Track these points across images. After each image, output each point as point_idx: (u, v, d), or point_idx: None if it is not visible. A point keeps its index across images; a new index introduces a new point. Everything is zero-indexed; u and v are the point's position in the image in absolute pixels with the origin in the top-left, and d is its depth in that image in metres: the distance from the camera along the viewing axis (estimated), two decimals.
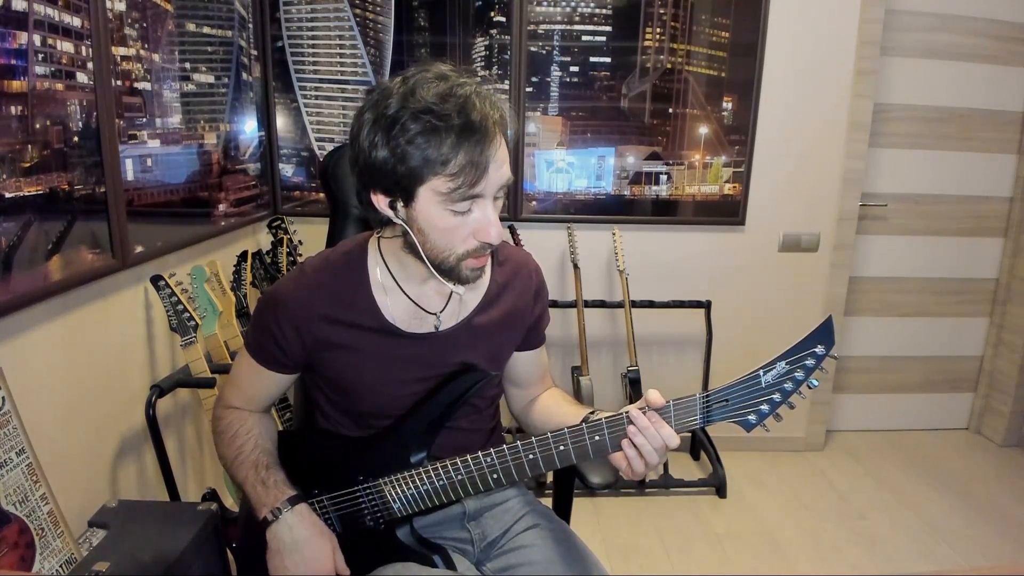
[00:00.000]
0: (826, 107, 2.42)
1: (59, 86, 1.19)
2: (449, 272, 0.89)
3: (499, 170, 0.84)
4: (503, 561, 1.02)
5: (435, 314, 0.98)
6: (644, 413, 0.84)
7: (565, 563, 0.98)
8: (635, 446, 0.84)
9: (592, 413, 0.95)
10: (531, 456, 0.89)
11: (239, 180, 2.07)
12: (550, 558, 0.99)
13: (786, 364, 0.81)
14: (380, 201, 0.87)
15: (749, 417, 0.83)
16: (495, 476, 0.91)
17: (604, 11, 2.30)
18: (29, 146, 1.12)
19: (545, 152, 2.41)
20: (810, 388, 0.82)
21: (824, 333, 0.81)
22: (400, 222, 0.88)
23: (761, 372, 0.82)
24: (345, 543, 0.98)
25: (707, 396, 0.83)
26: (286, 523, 0.92)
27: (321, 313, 0.94)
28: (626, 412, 0.85)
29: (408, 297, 0.97)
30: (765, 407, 0.83)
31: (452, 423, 1.00)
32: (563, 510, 1.21)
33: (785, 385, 0.81)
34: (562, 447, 0.87)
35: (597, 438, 0.86)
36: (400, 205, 0.86)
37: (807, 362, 0.81)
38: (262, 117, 2.27)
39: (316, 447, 1.05)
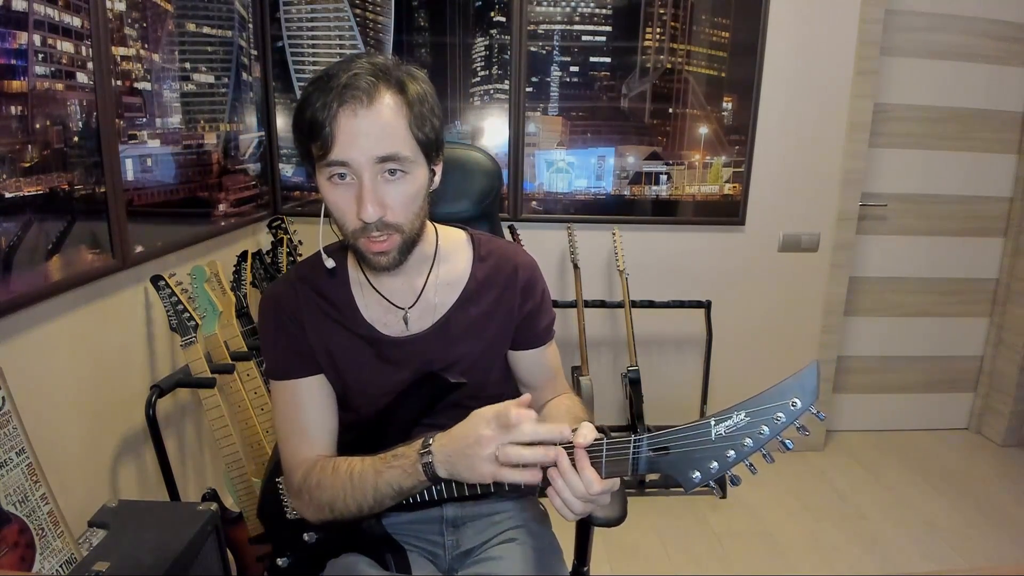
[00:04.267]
0: (826, 107, 2.43)
1: (59, 86, 1.19)
2: (358, 255, 0.88)
3: (360, 136, 0.78)
4: (471, 571, 0.98)
5: (404, 309, 0.96)
6: (571, 452, 0.75)
7: None
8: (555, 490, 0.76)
9: (574, 431, 0.88)
10: None
11: (239, 180, 2.07)
12: (515, 572, 0.93)
13: (746, 416, 0.67)
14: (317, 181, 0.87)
15: (692, 475, 0.69)
16: (460, 484, 0.85)
17: (604, 11, 2.30)
18: (29, 146, 1.12)
19: (545, 152, 2.41)
20: (785, 451, 0.68)
21: (804, 383, 0.65)
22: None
23: (712, 422, 0.68)
24: (310, 525, 0.97)
25: (640, 441, 0.72)
26: (438, 444, 0.83)
27: (309, 303, 0.96)
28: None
29: (378, 292, 0.97)
30: (714, 465, 0.68)
31: (433, 420, 0.94)
32: (580, 548, 1.15)
33: (744, 441, 0.67)
34: None
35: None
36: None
37: (777, 416, 0.65)
38: (262, 117, 2.26)
39: None
